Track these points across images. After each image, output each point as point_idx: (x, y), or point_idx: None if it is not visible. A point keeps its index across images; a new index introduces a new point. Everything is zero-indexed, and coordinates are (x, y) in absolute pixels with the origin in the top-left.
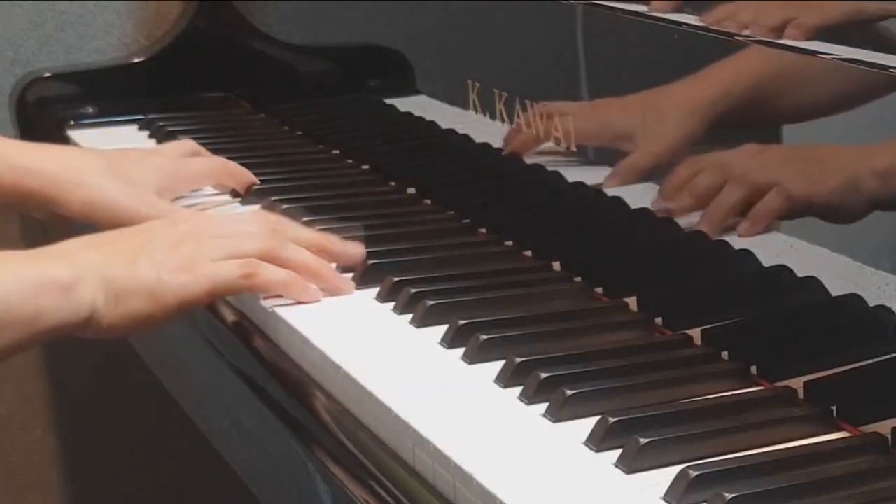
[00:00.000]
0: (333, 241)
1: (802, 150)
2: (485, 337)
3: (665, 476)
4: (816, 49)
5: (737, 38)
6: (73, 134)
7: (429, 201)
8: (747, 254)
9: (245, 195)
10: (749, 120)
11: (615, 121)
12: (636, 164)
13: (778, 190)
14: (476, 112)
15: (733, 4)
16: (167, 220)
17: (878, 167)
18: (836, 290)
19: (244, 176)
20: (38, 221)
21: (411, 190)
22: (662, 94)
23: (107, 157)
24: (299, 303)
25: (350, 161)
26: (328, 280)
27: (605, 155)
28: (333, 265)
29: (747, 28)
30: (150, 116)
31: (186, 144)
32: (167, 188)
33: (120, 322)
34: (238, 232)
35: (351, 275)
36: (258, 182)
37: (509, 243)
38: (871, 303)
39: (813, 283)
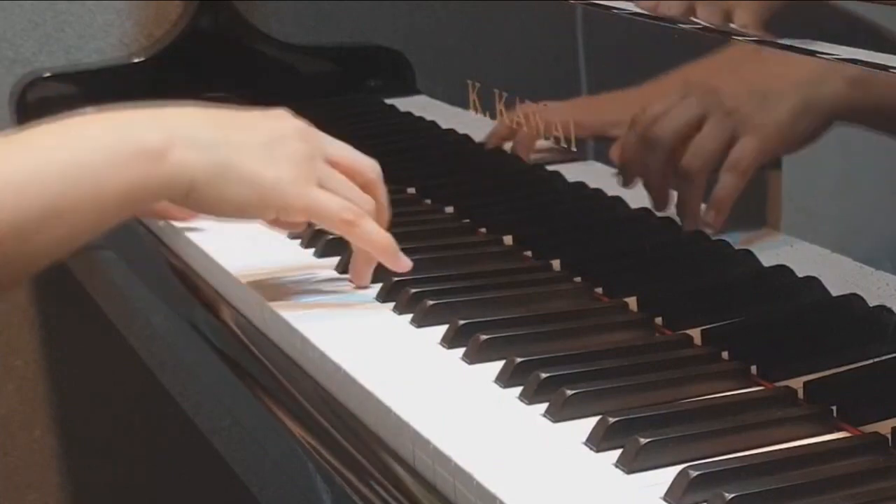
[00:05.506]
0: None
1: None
2: (485, 337)
3: (665, 476)
4: (816, 49)
5: (736, 37)
6: None
7: (429, 201)
8: (747, 254)
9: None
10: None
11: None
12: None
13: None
14: (476, 112)
15: (733, 4)
16: (294, 128)
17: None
18: (836, 290)
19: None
20: None
21: (411, 190)
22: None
23: None
24: (302, 302)
25: None
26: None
27: (605, 155)
28: None
29: (747, 27)
30: None
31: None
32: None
33: (222, 205)
34: (350, 185)
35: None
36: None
37: (510, 244)
38: (871, 303)
39: (813, 283)
